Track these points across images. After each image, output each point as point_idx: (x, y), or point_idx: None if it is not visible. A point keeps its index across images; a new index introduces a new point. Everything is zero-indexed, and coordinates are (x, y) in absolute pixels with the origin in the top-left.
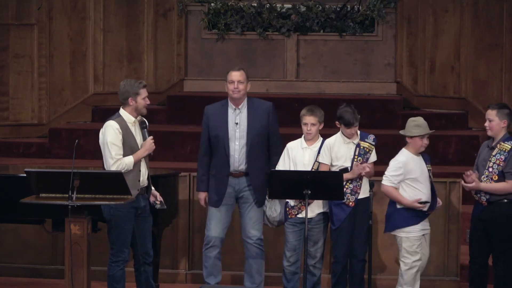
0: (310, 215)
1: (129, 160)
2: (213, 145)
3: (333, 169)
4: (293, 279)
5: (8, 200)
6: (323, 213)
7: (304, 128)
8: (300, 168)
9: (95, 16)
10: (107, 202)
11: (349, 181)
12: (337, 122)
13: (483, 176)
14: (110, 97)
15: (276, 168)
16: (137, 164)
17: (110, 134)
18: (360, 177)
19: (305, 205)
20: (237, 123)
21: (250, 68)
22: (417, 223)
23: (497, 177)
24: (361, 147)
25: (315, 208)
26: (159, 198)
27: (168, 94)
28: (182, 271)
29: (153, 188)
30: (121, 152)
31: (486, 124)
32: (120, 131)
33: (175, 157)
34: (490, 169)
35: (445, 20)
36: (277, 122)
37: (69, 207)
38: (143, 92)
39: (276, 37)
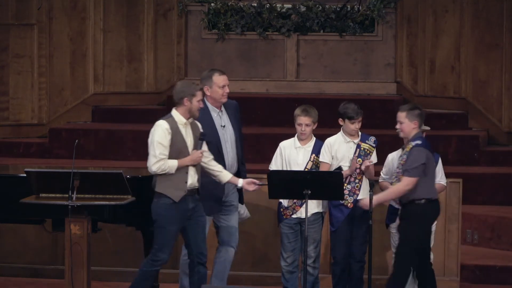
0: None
1: (173, 163)
2: None
3: (332, 168)
4: (292, 278)
5: (8, 200)
6: (318, 213)
7: (299, 128)
8: (294, 168)
9: (95, 16)
10: (107, 202)
11: (347, 182)
12: (340, 120)
13: (393, 177)
14: (110, 97)
15: (269, 168)
16: (183, 168)
17: (158, 134)
18: (360, 179)
19: (305, 205)
20: (223, 126)
21: (250, 68)
22: (394, 220)
23: (402, 177)
24: (362, 148)
25: (311, 208)
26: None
27: (168, 94)
28: None
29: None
30: (167, 152)
31: (397, 126)
32: (170, 131)
33: None
34: (398, 170)
35: (445, 20)
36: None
37: (69, 207)
38: (199, 95)
39: (276, 37)
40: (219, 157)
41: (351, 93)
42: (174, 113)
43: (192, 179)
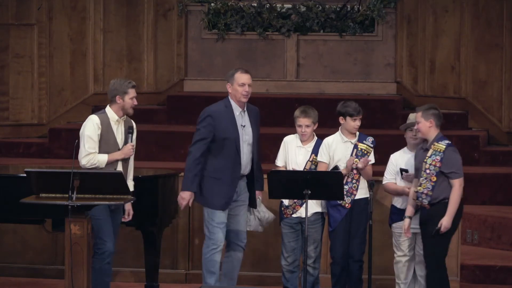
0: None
1: (103, 158)
2: (219, 148)
3: (330, 168)
4: (292, 278)
5: (8, 200)
6: (319, 213)
7: (299, 129)
8: (292, 166)
9: (95, 16)
10: (107, 202)
11: (344, 183)
12: (340, 118)
13: (421, 179)
14: None
15: (276, 160)
16: (113, 164)
17: (88, 128)
18: (357, 179)
19: (306, 205)
20: (244, 126)
21: (250, 68)
22: (399, 220)
23: (435, 178)
24: (359, 149)
25: (311, 208)
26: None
27: (168, 94)
28: (182, 271)
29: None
30: (96, 146)
31: (415, 127)
32: (100, 126)
33: (175, 157)
34: (428, 171)
35: (445, 20)
36: None
37: (69, 207)
38: (132, 92)
39: (276, 37)
40: (236, 156)
41: (351, 93)
42: (108, 109)
43: (123, 172)
